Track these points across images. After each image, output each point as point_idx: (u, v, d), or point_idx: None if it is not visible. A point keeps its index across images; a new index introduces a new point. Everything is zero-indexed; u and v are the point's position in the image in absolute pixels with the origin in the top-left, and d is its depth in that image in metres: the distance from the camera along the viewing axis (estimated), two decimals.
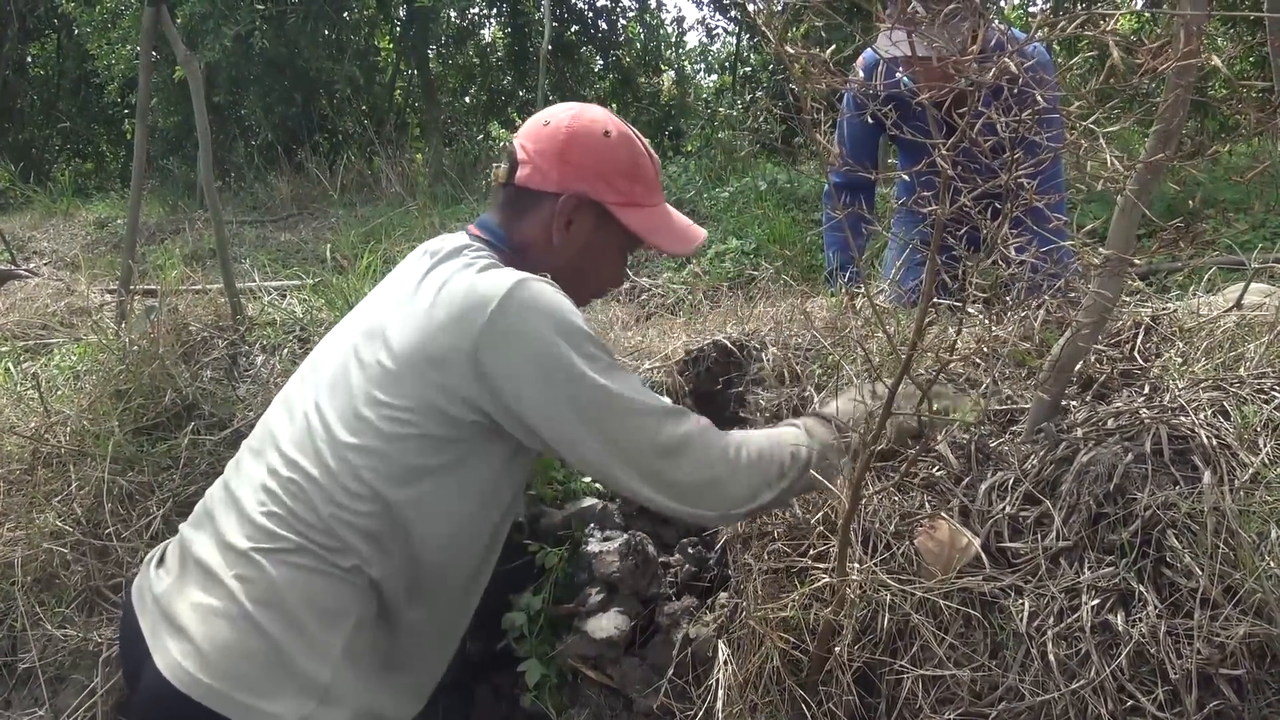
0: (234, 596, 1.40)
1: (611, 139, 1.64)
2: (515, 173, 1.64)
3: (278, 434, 1.54)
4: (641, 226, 1.67)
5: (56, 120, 14.28)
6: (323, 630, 1.40)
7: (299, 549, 1.42)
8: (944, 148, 1.18)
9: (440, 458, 1.45)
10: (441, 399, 1.43)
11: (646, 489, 1.46)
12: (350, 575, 1.43)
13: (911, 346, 1.29)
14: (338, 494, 1.43)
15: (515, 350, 1.41)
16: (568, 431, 1.44)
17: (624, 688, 1.72)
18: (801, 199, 6.93)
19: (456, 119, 14.08)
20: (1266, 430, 1.43)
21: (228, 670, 1.36)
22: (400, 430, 1.43)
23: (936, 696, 1.39)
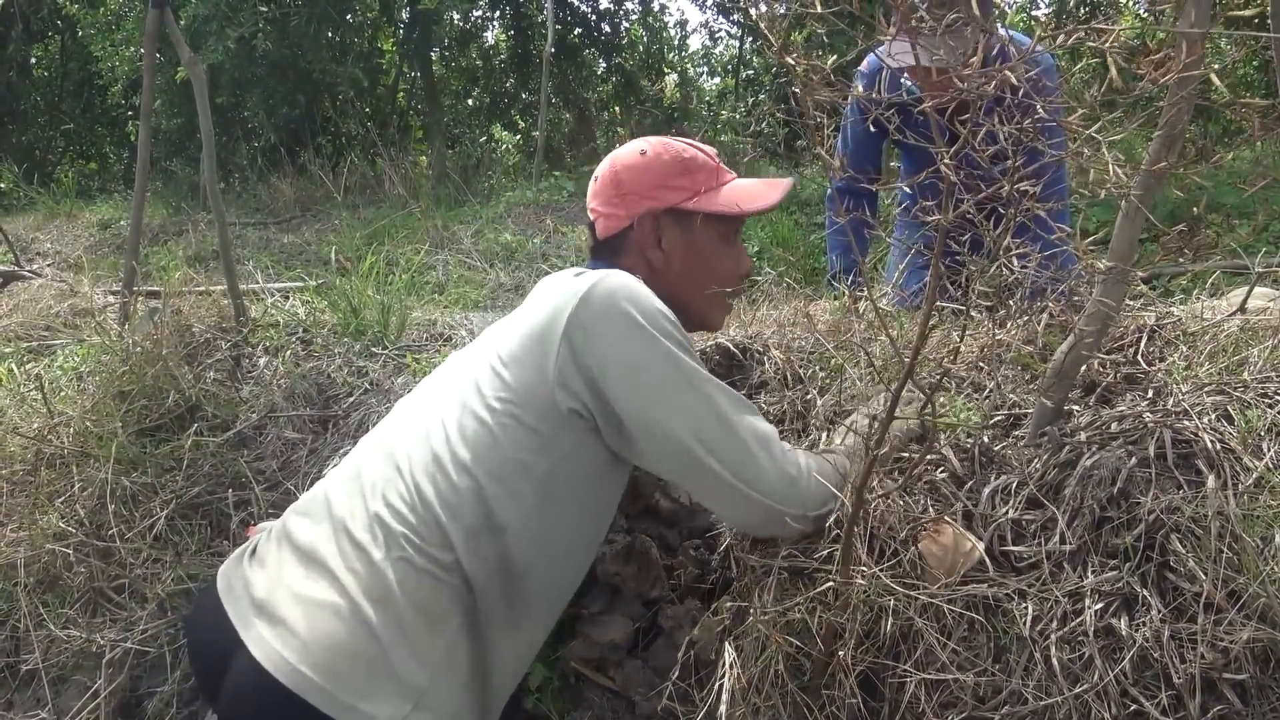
0: (345, 591, 1.41)
1: (649, 153, 1.73)
2: (594, 232, 1.76)
3: (399, 438, 1.58)
4: (722, 205, 1.71)
5: (60, 122, 14.30)
6: (427, 633, 1.42)
7: (413, 547, 1.44)
8: (947, 155, 1.18)
9: (539, 455, 1.47)
10: (540, 386, 1.47)
11: (728, 473, 1.47)
12: (450, 575, 1.44)
13: (914, 350, 1.29)
14: (447, 492, 1.46)
15: (602, 330, 1.46)
16: (653, 408, 1.46)
17: (627, 690, 1.72)
18: (804, 202, 6.92)
19: (459, 121, 14.10)
20: (1270, 434, 1.43)
21: (330, 665, 1.36)
22: (503, 422, 1.47)
23: (939, 700, 1.39)
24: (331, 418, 2.50)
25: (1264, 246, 4.08)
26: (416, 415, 1.60)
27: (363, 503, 1.51)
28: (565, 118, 14.05)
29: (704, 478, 1.49)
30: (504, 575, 1.48)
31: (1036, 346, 1.84)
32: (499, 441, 1.47)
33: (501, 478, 1.46)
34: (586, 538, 1.59)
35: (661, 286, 1.63)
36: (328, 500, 1.57)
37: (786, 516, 1.50)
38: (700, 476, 1.49)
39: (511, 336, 1.55)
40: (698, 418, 1.47)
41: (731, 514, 1.59)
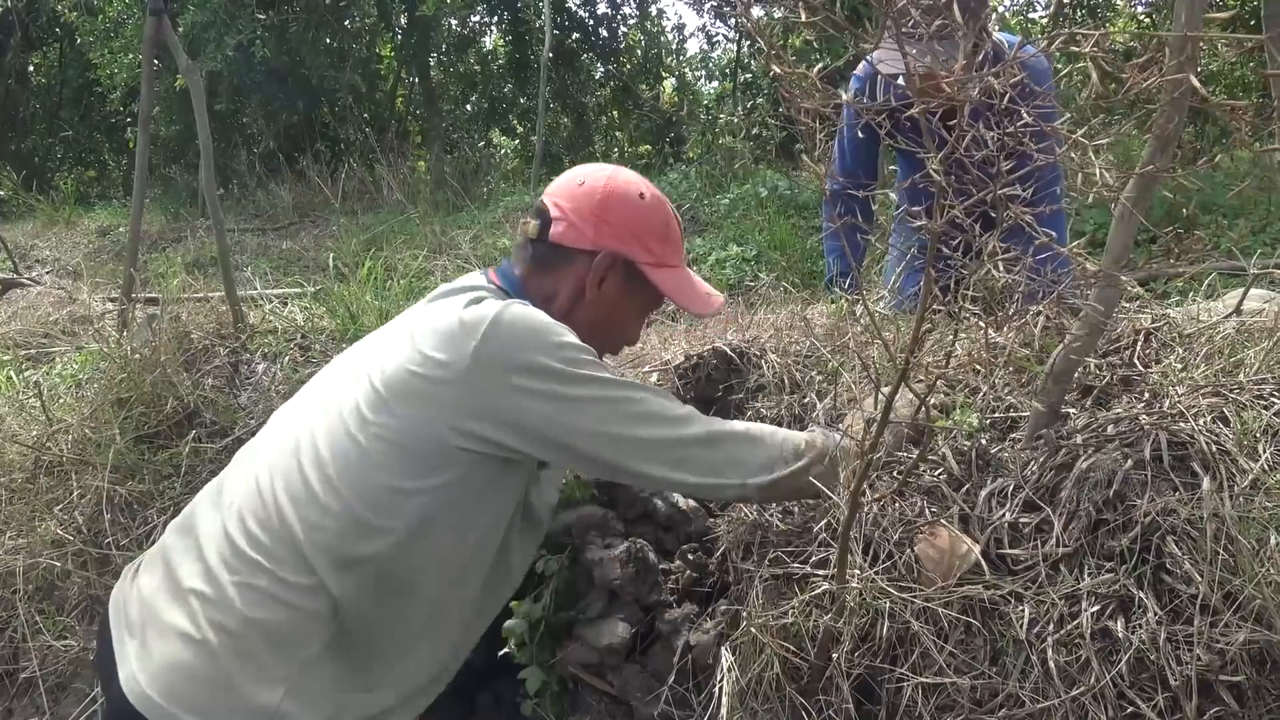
0: (194, 615, 1.40)
1: (646, 201, 1.69)
2: (548, 229, 1.66)
3: (266, 451, 1.55)
4: (669, 287, 1.70)
5: (59, 129, 14.32)
6: (276, 658, 1.39)
7: (264, 573, 1.41)
8: (938, 160, 1.18)
9: (419, 481, 1.44)
10: (432, 421, 1.44)
11: (661, 469, 1.49)
12: (309, 599, 1.41)
13: (909, 354, 1.29)
14: (311, 512, 1.43)
15: (509, 370, 1.44)
16: (572, 432, 1.46)
17: (625, 695, 1.72)
18: (802, 206, 6.94)
19: (458, 126, 14.12)
20: (1266, 436, 1.43)
21: (174, 689, 1.36)
22: (380, 447, 1.44)
23: (936, 704, 1.38)
24: None
25: (1259, 248, 4.09)
26: (286, 428, 1.56)
27: (220, 523, 1.48)
28: (563, 122, 14.07)
29: (644, 479, 1.53)
30: (384, 591, 1.45)
31: (1033, 350, 1.85)
32: (375, 464, 1.43)
33: (375, 502, 1.43)
34: (484, 538, 1.55)
35: (570, 317, 1.62)
36: (194, 516, 1.55)
37: (728, 491, 1.56)
38: (635, 473, 1.52)
39: (398, 354, 1.49)
40: (619, 431, 1.48)
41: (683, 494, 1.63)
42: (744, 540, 1.72)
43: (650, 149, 13.41)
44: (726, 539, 1.78)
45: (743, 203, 7.20)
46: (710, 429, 1.53)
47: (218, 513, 1.50)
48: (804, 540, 1.63)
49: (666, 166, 10.45)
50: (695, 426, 1.52)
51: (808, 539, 1.63)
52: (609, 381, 1.50)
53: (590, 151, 12.98)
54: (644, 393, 1.52)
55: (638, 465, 1.49)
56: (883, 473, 1.64)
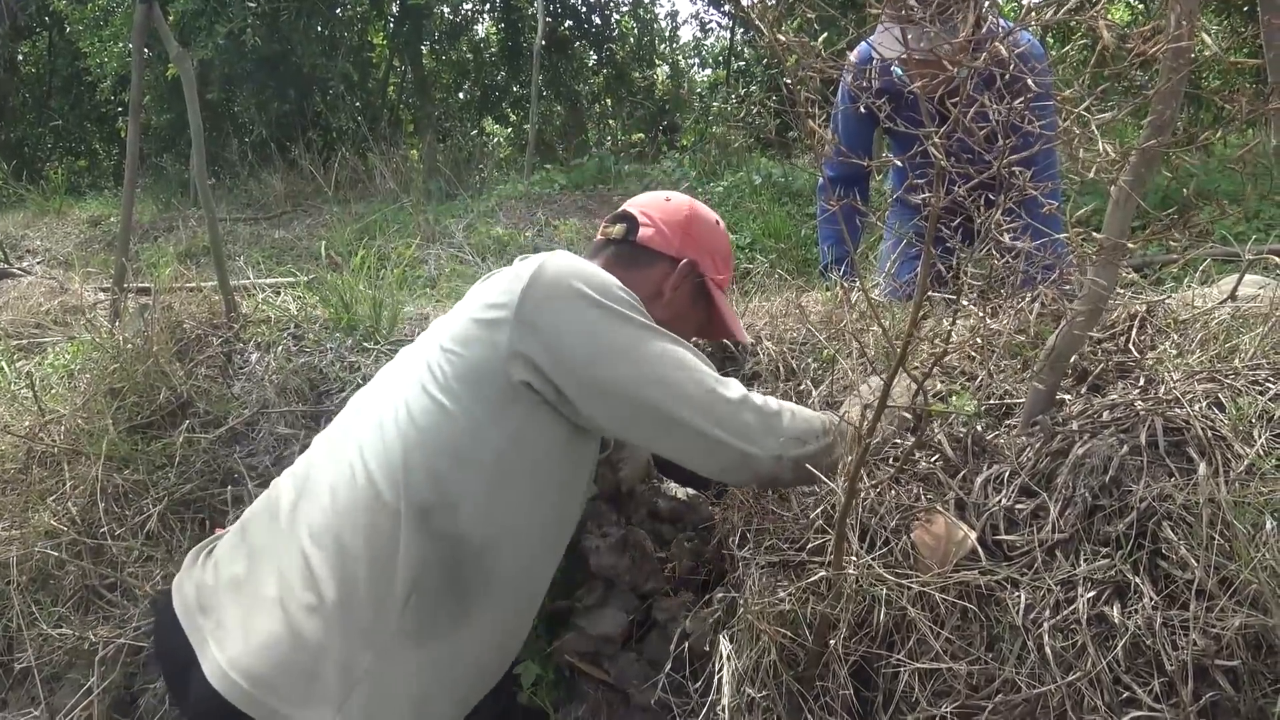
0: (281, 599, 1.43)
1: (720, 228, 1.91)
2: (635, 232, 1.82)
3: (349, 431, 1.59)
4: (723, 308, 1.87)
5: (49, 118, 14.23)
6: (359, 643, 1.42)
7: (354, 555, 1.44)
8: (936, 136, 1.17)
9: (491, 429, 1.48)
10: (492, 361, 1.48)
11: (696, 417, 1.50)
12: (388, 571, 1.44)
13: (906, 340, 1.29)
14: (398, 470, 1.46)
15: (555, 303, 1.49)
16: (613, 374, 1.49)
17: (621, 683, 1.72)
18: (796, 193, 6.93)
19: (450, 115, 14.06)
20: (1261, 421, 1.43)
21: (262, 674, 1.38)
22: (455, 397, 1.48)
23: (933, 689, 1.39)
24: (324, 413, 2.49)
25: (1255, 234, 4.09)
26: (367, 406, 1.62)
27: (313, 500, 1.52)
28: (557, 110, 14.03)
29: (674, 431, 1.51)
30: (456, 555, 1.48)
31: (1029, 335, 1.84)
32: (451, 418, 1.48)
33: (454, 453, 1.47)
34: (552, 514, 1.59)
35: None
36: (278, 501, 1.58)
37: (764, 455, 1.53)
38: (670, 430, 1.51)
39: (459, 320, 1.57)
40: (658, 373, 1.50)
41: (709, 464, 1.57)
42: (740, 528, 1.72)
43: (644, 137, 13.38)
44: (722, 527, 1.78)
45: (737, 190, 7.19)
46: (747, 393, 1.56)
47: (305, 491, 1.54)
48: (800, 527, 1.63)
49: (660, 154, 10.43)
50: (734, 387, 1.55)
51: (804, 526, 1.63)
52: (650, 327, 1.54)
53: (584, 140, 12.93)
54: (681, 345, 1.56)
55: (676, 412, 1.49)
56: (879, 459, 1.64)
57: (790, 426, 1.56)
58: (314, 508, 1.50)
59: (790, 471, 1.57)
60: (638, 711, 1.70)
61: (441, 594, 1.47)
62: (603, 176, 8.68)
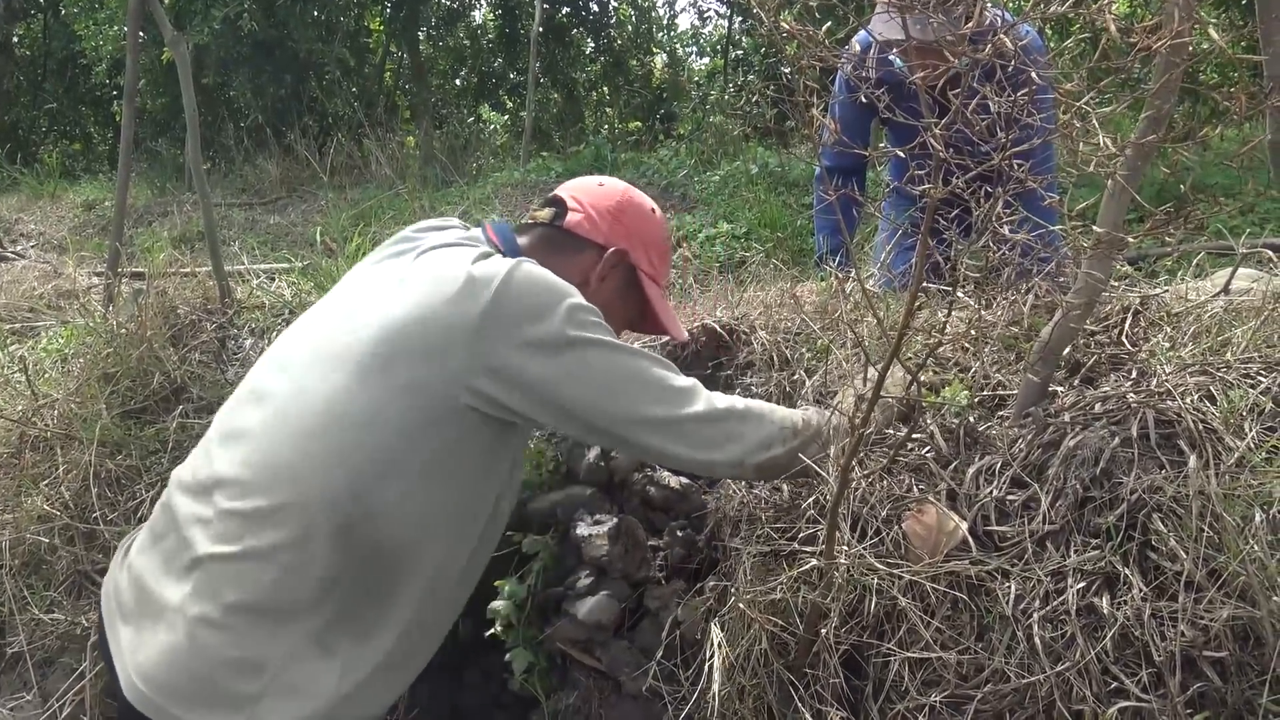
0: (181, 600, 1.38)
1: (656, 217, 1.82)
2: (563, 217, 1.74)
3: (251, 416, 1.48)
4: (656, 301, 1.79)
5: (43, 101, 14.17)
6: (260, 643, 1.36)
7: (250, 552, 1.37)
8: (936, 128, 1.17)
9: (428, 437, 1.41)
10: (440, 380, 1.40)
11: (658, 439, 1.49)
12: (302, 568, 1.37)
13: (900, 330, 1.29)
14: (312, 471, 1.38)
15: (520, 326, 1.42)
16: (574, 397, 1.45)
17: (613, 670, 1.73)
18: (792, 183, 6.92)
19: (447, 101, 14.03)
20: (1252, 415, 1.43)
21: (161, 680, 1.35)
22: (389, 401, 1.40)
23: (923, 679, 1.39)
24: None
25: (1249, 227, 4.09)
26: (281, 389, 1.48)
27: (206, 497, 1.43)
28: (553, 98, 14.00)
29: (636, 444, 1.51)
30: (374, 561, 1.41)
31: (1022, 327, 1.85)
32: (380, 426, 1.40)
33: (379, 462, 1.39)
34: (475, 506, 1.52)
35: None
36: (178, 495, 1.49)
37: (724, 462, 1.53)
38: (632, 444, 1.52)
39: (400, 303, 1.45)
40: (619, 394, 1.47)
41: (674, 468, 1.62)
42: (733, 517, 1.72)
43: (641, 125, 13.35)
44: (715, 516, 1.78)
45: (733, 180, 7.19)
46: (711, 404, 1.53)
47: (202, 493, 1.45)
48: (792, 517, 1.64)
49: (657, 143, 10.41)
50: (697, 402, 1.52)
51: (796, 516, 1.63)
52: (616, 347, 1.49)
53: (581, 128, 12.91)
54: (649, 361, 1.52)
55: (635, 435, 1.49)
56: (871, 450, 1.64)
57: (754, 434, 1.53)
58: (218, 506, 1.41)
59: (753, 474, 1.57)
60: (629, 699, 1.71)
61: (356, 597, 1.42)
62: (599, 165, 8.67)
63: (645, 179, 8.01)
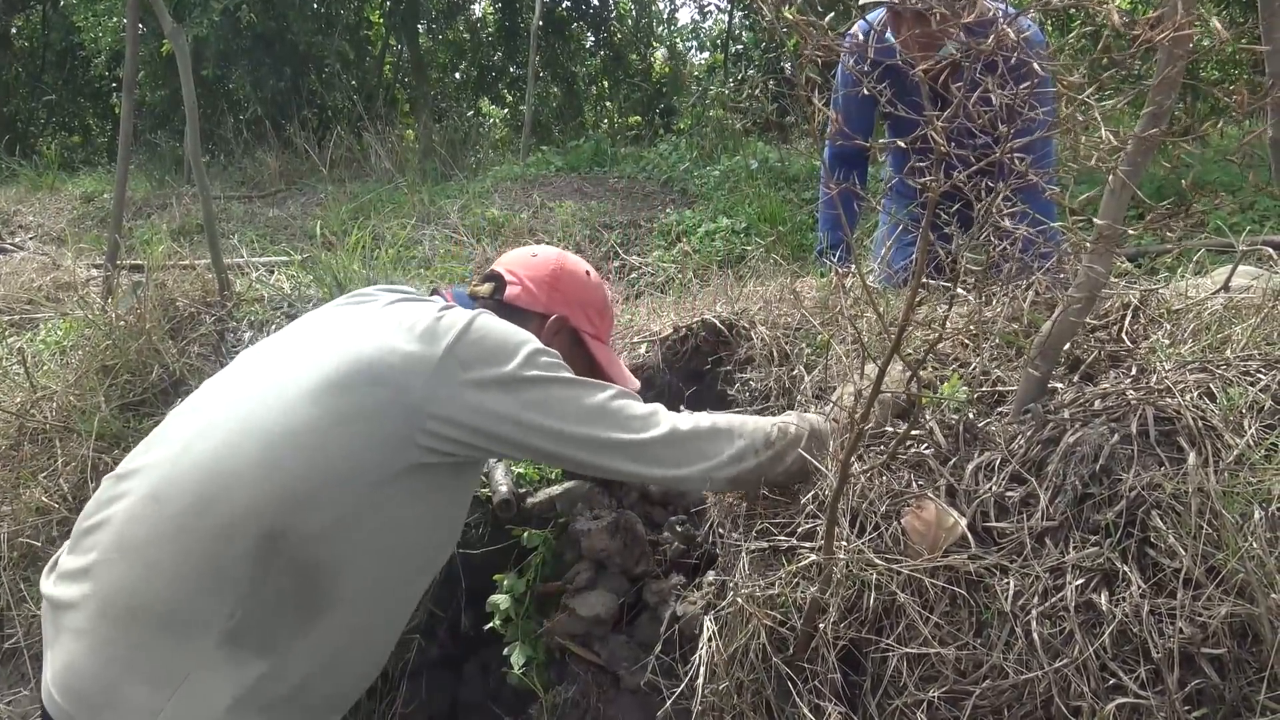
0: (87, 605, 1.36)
1: (591, 279, 1.89)
2: (503, 291, 1.80)
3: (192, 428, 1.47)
4: (603, 357, 1.86)
5: (42, 93, 14.14)
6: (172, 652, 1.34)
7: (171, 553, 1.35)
8: (936, 121, 1.17)
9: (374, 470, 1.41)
10: (395, 417, 1.41)
11: (626, 464, 1.52)
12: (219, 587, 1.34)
13: (900, 327, 1.29)
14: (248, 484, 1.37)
15: (480, 365, 1.47)
16: (537, 431, 1.48)
17: (612, 665, 1.73)
18: (792, 178, 6.91)
19: (446, 95, 14.01)
20: (1251, 412, 1.44)
21: (69, 686, 1.33)
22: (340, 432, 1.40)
23: (921, 674, 1.39)
24: None
25: (1249, 224, 4.09)
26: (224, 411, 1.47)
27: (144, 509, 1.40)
28: (553, 92, 13.97)
29: (605, 470, 1.54)
30: (301, 579, 1.38)
31: (1022, 324, 1.85)
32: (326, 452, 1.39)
33: (319, 486, 1.38)
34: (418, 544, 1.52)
35: None
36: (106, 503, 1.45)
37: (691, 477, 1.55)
38: (604, 472, 1.55)
39: (359, 349, 1.47)
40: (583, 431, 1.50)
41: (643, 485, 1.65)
42: (732, 513, 1.72)
43: (640, 120, 13.34)
44: (714, 511, 1.78)
45: (733, 175, 7.18)
46: (674, 427, 1.55)
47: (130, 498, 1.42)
48: (791, 513, 1.64)
49: (657, 137, 10.40)
50: (659, 426, 1.55)
51: (795, 511, 1.63)
52: (573, 382, 1.54)
53: (580, 122, 12.89)
54: (606, 393, 1.55)
55: (601, 460, 1.52)
56: (871, 446, 1.64)
57: (720, 450, 1.56)
58: (143, 513, 1.38)
59: (724, 487, 1.62)
60: (628, 693, 1.71)
61: (276, 611, 1.37)
62: (599, 159, 8.66)
63: (645, 174, 8.00)
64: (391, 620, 1.56)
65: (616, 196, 7.24)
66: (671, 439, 1.54)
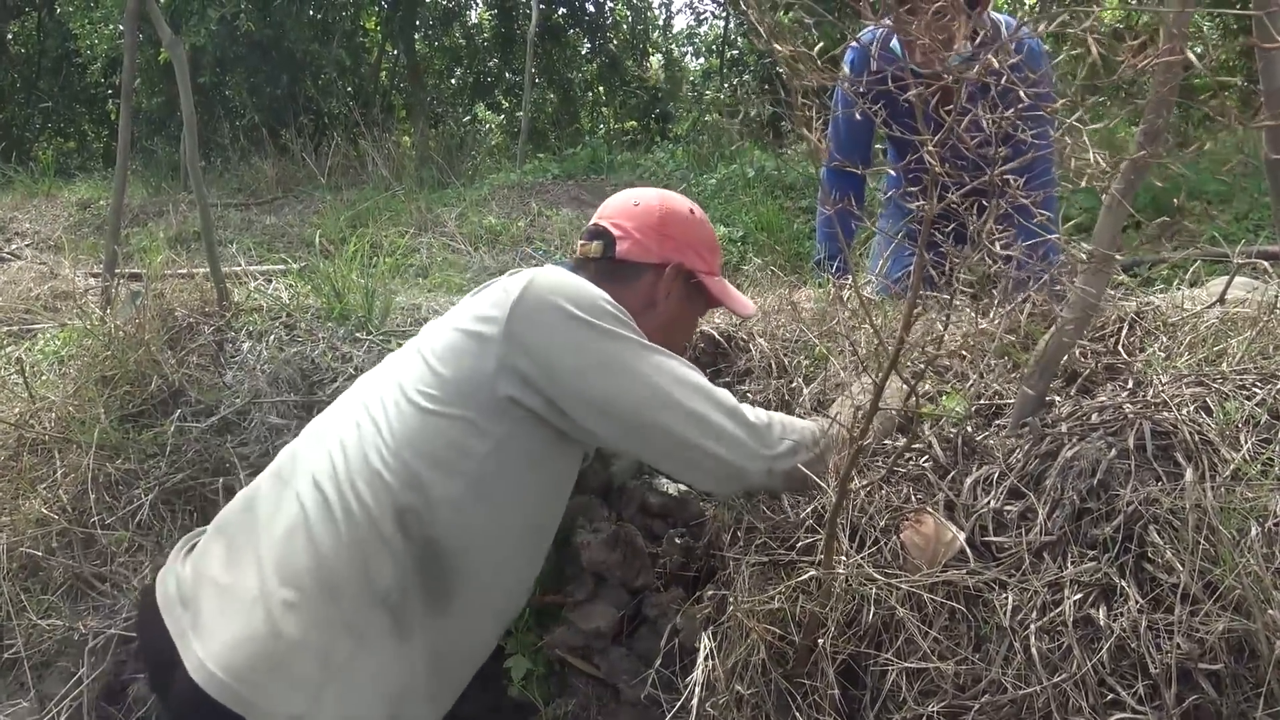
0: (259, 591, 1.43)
1: (696, 216, 1.87)
2: (613, 247, 1.79)
3: (331, 426, 1.60)
4: (719, 292, 1.86)
5: (38, 99, 14.11)
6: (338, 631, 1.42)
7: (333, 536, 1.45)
8: (931, 144, 1.18)
9: (473, 440, 1.49)
10: (478, 375, 1.50)
11: (693, 434, 1.52)
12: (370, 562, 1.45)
13: (899, 340, 1.29)
14: (374, 475, 1.47)
15: (543, 319, 1.51)
16: (608, 391, 1.51)
17: (611, 678, 1.73)
18: (789, 187, 6.93)
19: (443, 101, 14.01)
20: (1248, 426, 1.45)
21: (237, 666, 1.38)
22: (436, 409, 1.50)
23: (920, 689, 1.40)
24: (316, 403, 2.48)
25: (1244, 235, 4.11)
26: (352, 403, 1.63)
27: (293, 494, 1.52)
28: (549, 98, 13.99)
29: (669, 445, 1.53)
30: (430, 557, 1.48)
31: (1019, 336, 1.86)
32: (435, 425, 1.49)
33: (435, 459, 1.48)
34: (530, 521, 1.60)
35: (640, 326, 1.65)
36: (257, 497, 1.59)
37: (755, 469, 1.56)
38: (665, 444, 1.54)
39: (446, 330, 1.59)
40: (653, 389, 1.51)
41: (701, 477, 1.62)
42: (731, 526, 1.73)
43: (637, 125, 13.35)
44: (714, 525, 1.78)
45: (730, 183, 7.19)
46: (738, 406, 1.58)
47: (284, 487, 1.55)
48: (791, 526, 1.64)
49: (653, 144, 10.41)
50: (725, 400, 1.57)
51: (794, 525, 1.64)
52: (641, 342, 1.55)
53: (577, 128, 12.90)
54: (674, 359, 1.57)
55: (669, 426, 1.51)
56: (870, 460, 1.65)
57: (782, 439, 1.58)
58: (294, 505, 1.50)
59: (781, 482, 1.60)
60: (627, 706, 1.71)
61: (418, 592, 1.47)
62: (596, 165, 8.68)
63: (642, 181, 8.01)
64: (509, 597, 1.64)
65: None
66: (740, 418, 1.56)
